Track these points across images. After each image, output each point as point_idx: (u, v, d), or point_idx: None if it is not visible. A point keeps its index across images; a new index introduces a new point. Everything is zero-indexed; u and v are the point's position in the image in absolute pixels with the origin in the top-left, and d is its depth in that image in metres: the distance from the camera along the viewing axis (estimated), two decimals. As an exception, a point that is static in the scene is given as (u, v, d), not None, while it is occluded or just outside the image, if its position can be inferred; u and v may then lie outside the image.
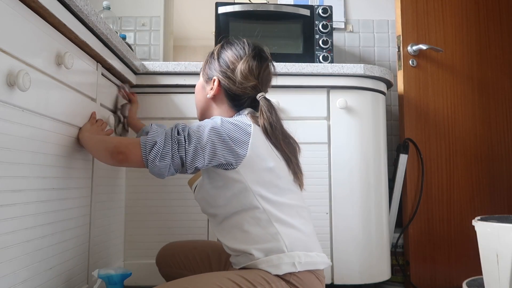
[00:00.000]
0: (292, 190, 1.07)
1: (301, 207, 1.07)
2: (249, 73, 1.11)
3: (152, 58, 2.29)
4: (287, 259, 0.97)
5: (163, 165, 0.99)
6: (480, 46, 2.15)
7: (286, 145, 1.08)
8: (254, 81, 1.11)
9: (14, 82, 0.80)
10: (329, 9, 1.99)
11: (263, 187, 1.02)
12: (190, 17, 3.13)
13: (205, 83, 1.18)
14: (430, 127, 2.04)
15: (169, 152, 0.99)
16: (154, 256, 1.61)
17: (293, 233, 1.01)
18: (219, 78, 1.13)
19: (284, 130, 1.11)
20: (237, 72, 1.11)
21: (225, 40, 1.20)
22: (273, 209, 1.01)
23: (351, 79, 1.71)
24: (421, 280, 1.92)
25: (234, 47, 1.15)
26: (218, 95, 1.15)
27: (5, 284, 0.82)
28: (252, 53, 1.13)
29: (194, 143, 0.99)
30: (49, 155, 0.99)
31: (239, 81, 1.10)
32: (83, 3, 1.04)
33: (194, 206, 1.63)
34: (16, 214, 0.86)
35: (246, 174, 1.01)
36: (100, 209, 1.34)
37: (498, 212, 2.05)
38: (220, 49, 1.17)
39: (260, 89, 1.12)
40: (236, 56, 1.13)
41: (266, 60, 1.15)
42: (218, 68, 1.14)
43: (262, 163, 1.02)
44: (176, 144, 0.99)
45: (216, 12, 1.95)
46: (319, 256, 1.03)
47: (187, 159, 0.99)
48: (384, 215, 1.73)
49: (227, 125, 1.02)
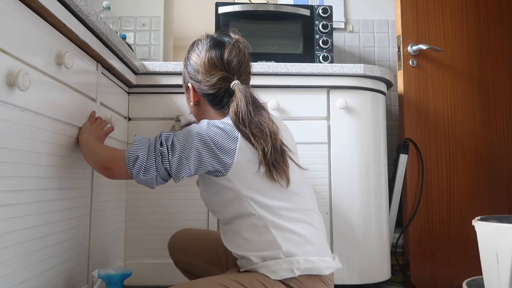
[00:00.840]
0: (293, 191, 1.01)
1: (303, 210, 1.01)
2: (211, 66, 1.03)
3: (152, 58, 2.29)
4: (284, 264, 0.94)
5: (148, 178, 0.96)
6: (480, 46, 2.14)
7: (259, 135, 0.96)
8: (220, 72, 1.02)
9: (14, 82, 0.80)
10: (329, 9, 1.99)
11: (256, 192, 0.96)
12: (190, 17, 3.13)
13: (187, 93, 1.13)
14: (430, 127, 2.04)
15: (152, 165, 0.96)
16: (154, 256, 1.61)
17: (291, 238, 0.96)
18: (192, 84, 1.08)
19: (258, 118, 0.98)
20: (199, 71, 1.04)
21: (191, 43, 1.13)
22: (269, 214, 0.96)
23: (351, 79, 1.71)
24: (421, 280, 1.92)
25: (195, 46, 1.09)
26: (199, 101, 1.09)
27: (5, 284, 0.82)
28: (209, 43, 1.05)
29: (178, 153, 0.95)
30: (49, 155, 0.99)
31: (203, 79, 1.03)
32: (83, 3, 1.04)
33: (194, 206, 1.63)
34: (16, 214, 0.86)
35: (237, 181, 0.96)
36: (100, 209, 1.34)
37: (498, 212, 2.05)
38: (186, 55, 1.12)
39: (231, 78, 1.03)
40: (197, 55, 1.06)
41: (228, 44, 1.05)
42: (188, 74, 1.09)
43: (252, 167, 0.96)
44: (159, 156, 0.96)
45: (216, 12, 1.95)
46: (322, 261, 0.97)
47: (172, 170, 0.96)
48: (384, 215, 1.73)
49: (213, 129, 0.97)
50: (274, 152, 0.96)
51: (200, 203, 1.62)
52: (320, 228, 1.04)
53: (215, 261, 1.24)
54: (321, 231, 1.05)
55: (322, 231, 1.05)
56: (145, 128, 1.63)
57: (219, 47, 1.04)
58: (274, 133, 0.98)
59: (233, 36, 1.07)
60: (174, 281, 1.50)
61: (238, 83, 1.02)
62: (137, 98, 1.66)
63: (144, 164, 0.95)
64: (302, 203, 1.02)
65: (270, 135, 0.97)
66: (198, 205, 1.63)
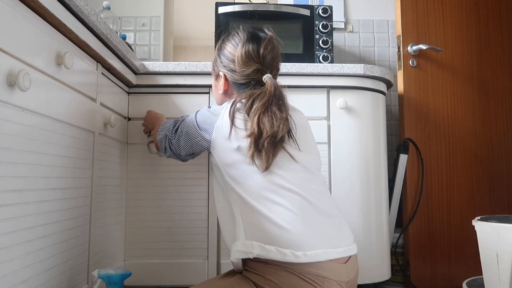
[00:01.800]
0: (276, 174, 0.98)
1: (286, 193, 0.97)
2: (248, 58, 1.11)
3: (152, 58, 2.29)
4: (241, 247, 0.94)
5: (168, 155, 1.25)
6: (480, 46, 2.15)
7: (262, 121, 1.00)
8: (255, 65, 1.10)
9: (14, 82, 0.80)
10: (329, 9, 1.99)
11: (231, 168, 1.03)
12: (190, 17, 3.13)
13: (216, 81, 1.23)
14: (430, 127, 2.04)
15: (167, 147, 1.23)
16: (154, 256, 1.61)
17: (259, 223, 0.95)
18: (224, 73, 1.17)
19: (280, 109, 1.03)
20: (236, 62, 1.12)
21: (225, 34, 1.22)
22: (244, 193, 0.98)
23: (351, 79, 1.71)
24: (421, 280, 1.92)
25: (231, 37, 1.17)
26: (228, 89, 1.18)
27: (5, 284, 0.82)
28: (247, 36, 1.13)
29: (177, 137, 1.19)
30: (49, 155, 0.99)
31: (239, 70, 1.11)
32: (83, 3, 1.04)
33: (193, 206, 1.63)
34: (16, 214, 0.86)
35: (217, 155, 1.07)
36: (100, 209, 1.34)
37: (498, 212, 2.05)
38: (220, 44, 1.20)
39: (264, 71, 1.11)
40: (233, 46, 1.14)
41: (264, 39, 1.13)
42: (221, 63, 1.17)
43: (229, 144, 1.03)
44: (168, 141, 1.22)
45: (216, 12, 1.95)
46: (280, 252, 0.89)
47: (175, 150, 1.21)
48: (384, 215, 1.73)
49: (204, 113, 1.14)
50: (269, 141, 0.99)
51: (200, 203, 1.64)
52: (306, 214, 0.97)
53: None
54: (307, 217, 0.97)
55: (314, 219, 0.97)
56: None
57: (256, 41, 1.12)
58: (280, 130, 1.01)
59: (267, 33, 1.15)
60: (174, 281, 1.51)
61: (270, 76, 1.09)
62: (137, 98, 1.66)
63: (163, 145, 1.23)
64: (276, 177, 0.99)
65: (277, 129, 1.00)
66: (198, 205, 1.63)
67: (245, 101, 1.05)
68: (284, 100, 1.07)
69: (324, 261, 0.90)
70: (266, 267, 0.90)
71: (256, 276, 0.92)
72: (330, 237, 0.96)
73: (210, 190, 1.63)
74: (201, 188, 1.64)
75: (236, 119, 1.03)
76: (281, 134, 1.01)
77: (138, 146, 1.63)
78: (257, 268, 0.92)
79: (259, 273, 0.91)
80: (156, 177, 1.63)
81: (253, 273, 0.93)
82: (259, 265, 0.91)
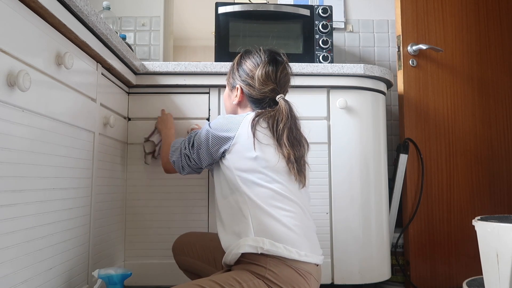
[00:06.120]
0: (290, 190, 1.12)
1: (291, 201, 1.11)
2: (267, 78, 1.22)
3: (152, 58, 2.29)
4: (251, 242, 1.03)
5: (187, 172, 1.30)
6: (480, 46, 2.15)
7: (290, 143, 1.14)
8: (272, 85, 1.22)
9: (15, 82, 0.80)
10: (329, 9, 1.99)
11: (245, 172, 1.11)
12: (190, 17, 3.13)
13: (230, 91, 1.32)
14: (430, 127, 2.04)
15: (185, 164, 1.28)
16: (154, 256, 1.61)
17: (267, 222, 1.06)
18: (241, 86, 1.26)
19: (296, 130, 1.19)
20: (255, 79, 1.22)
21: (244, 50, 1.32)
22: (254, 196, 1.08)
23: (351, 79, 1.71)
24: (421, 280, 1.92)
25: (251, 55, 1.27)
26: (242, 101, 1.27)
27: (5, 284, 0.82)
28: (267, 59, 1.24)
29: (196, 150, 1.23)
30: (49, 155, 0.99)
31: (258, 87, 1.22)
32: (83, 3, 1.04)
33: (193, 206, 1.63)
34: (16, 214, 0.86)
35: (232, 159, 1.13)
36: (100, 209, 1.34)
37: (498, 212, 2.05)
38: (239, 60, 1.30)
39: (278, 91, 1.22)
40: (254, 64, 1.25)
41: (281, 63, 1.25)
42: (239, 77, 1.27)
43: (246, 152, 1.11)
44: (185, 157, 1.28)
45: (216, 12, 1.95)
46: (287, 249, 1.03)
47: (197, 163, 1.25)
48: (384, 215, 1.73)
49: (218, 120, 1.20)
50: (296, 156, 1.15)
51: (200, 203, 1.64)
52: (305, 225, 1.12)
53: (211, 261, 1.31)
54: (305, 227, 1.12)
55: (307, 228, 1.12)
56: (145, 128, 1.63)
57: (275, 64, 1.24)
58: (305, 140, 1.23)
59: (284, 59, 1.27)
60: (174, 281, 1.51)
61: (282, 96, 1.22)
62: (137, 98, 1.66)
63: (180, 164, 1.29)
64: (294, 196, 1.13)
65: (300, 143, 1.18)
66: (198, 205, 1.63)
67: (267, 119, 1.16)
68: (295, 115, 1.20)
69: (312, 263, 1.07)
70: (267, 259, 1.02)
71: (256, 267, 1.03)
72: (315, 244, 1.13)
73: (210, 190, 1.63)
74: (201, 188, 1.64)
75: (258, 132, 1.13)
76: (303, 150, 1.19)
77: (138, 146, 1.63)
78: (259, 259, 1.03)
79: (260, 264, 1.02)
80: (156, 177, 1.63)
81: (253, 264, 1.03)
82: (261, 257, 1.03)
